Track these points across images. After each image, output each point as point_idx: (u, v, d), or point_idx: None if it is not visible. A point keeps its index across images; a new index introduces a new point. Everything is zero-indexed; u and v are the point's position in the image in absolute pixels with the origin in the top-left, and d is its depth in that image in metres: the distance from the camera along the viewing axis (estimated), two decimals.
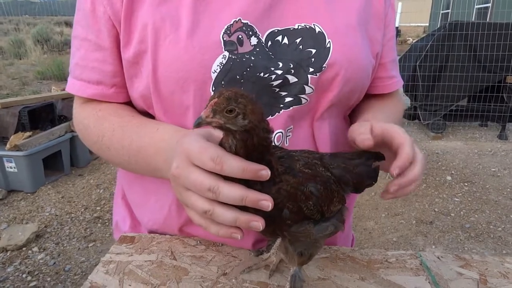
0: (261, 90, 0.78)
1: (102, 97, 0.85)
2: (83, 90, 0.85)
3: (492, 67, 5.64)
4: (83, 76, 0.85)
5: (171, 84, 0.76)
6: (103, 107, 0.86)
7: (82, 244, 3.35)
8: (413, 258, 0.83)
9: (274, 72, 0.77)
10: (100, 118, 0.84)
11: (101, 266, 0.78)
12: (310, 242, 0.65)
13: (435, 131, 6.02)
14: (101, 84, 0.84)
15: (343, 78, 0.80)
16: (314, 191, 0.61)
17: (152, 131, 0.78)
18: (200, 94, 0.76)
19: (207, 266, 0.78)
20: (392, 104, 1.02)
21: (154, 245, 0.85)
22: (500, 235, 3.44)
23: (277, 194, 0.58)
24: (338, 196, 0.66)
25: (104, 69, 0.83)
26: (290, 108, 0.80)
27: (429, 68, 5.79)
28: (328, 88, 0.81)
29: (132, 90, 0.84)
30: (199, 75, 0.75)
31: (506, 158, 5.20)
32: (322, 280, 0.75)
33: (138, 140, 0.78)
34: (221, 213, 0.57)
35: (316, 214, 0.62)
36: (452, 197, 4.13)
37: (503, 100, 5.82)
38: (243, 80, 0.77)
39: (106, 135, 0.82)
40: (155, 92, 0.78)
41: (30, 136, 4.19)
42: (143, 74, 0.79)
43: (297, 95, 0.80)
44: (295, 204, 0.60)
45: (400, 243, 3.37)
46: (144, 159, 0.78)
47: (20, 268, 3.01)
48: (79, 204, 4.01)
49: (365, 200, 4.06)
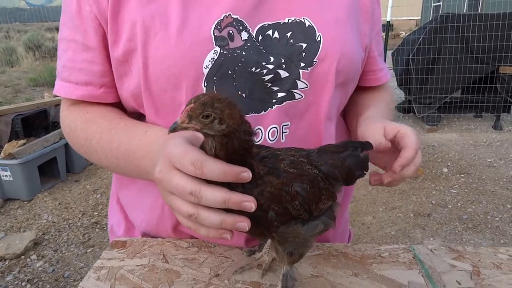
0: (253, 85, 0.78)
1: (91, 98, 0.84)
2: (72, 92, 0.84)
3: (484, 58, 5.65)
4: (71, 78, 0.84)
5: (163, 82, 0.76)
6: (91, 110, 0.85)
7: (81, 250, 3.34)
8: (406, 252, 0.83)
9: (265, 66, 0.77)
10: (87, 121, 0.84)
11: (92, 272, 0.77)
12: (300, 241, 0.64)
13: (430, 123, 6.04)
14: (89, 85, 0.83)
15: (335, 72, 0.80)
16: (300, 190, 0.61)
17: (140, 133, 0.77)
18: (193, 91, 0.76)
19: (199, 268, 0.78)
20: (385, 96, 1.03)
21: (146, 249, 0.85)
22: (498, 225, 3.46)
23: (260, 196, 0.58)
24: (327, 193, 0.65)
25: (93, 69, 0.82)
26: (283, 103, 0.80)
27: (422, 61, 5.80)
28: (324, 83, 0.81)
29: (122, 90, 0.83)
30: (191, 71, 0.74)
31: (502, 148, 5.22)
32: (315, 277, 0.75)
33: (127, 143, 0.78)
34: (206, 216, 0.57)
35: (304, 214, 0.62)
36: (449, 189, 4.15)
37: (496, 91, 5.84)
38: (235, 75, 0.76)
39: (94, 138, 0.82)
40: (146, 91, 0.77)
41: (24, 144, 4.17)
42: (133, 72, 0.79)
43: (290, 90, 0.79)
44: (280, 206, 0.59)
45: (399, 236, 3.38)
46: (132, 162, 0.77)
47: (19, 277, 2.99)
48: (76, 210, 3.99)
49: (362, 195, 4.07)
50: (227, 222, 0.57)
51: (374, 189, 4.17)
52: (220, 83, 0.76)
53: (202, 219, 0.57)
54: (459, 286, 0.72)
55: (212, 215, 0.57)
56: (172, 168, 0.59)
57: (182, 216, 0.60)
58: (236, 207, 0.56)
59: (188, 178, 0.57)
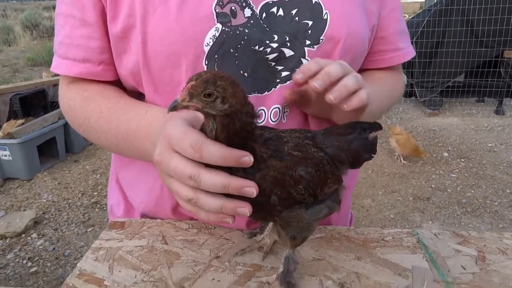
0: (256, 64, 0.75)
1: (89, 75, 0.81)
2: (70, 69, 0.81)
3: (489, 42, 5.56)
4: (69, 54, 0.81)
5: (162, 59, 0.73)
6: (90, 88, 0.82)
7: (81, 229, 3.35)
8: (410, 236, 0.81)
9: (269, 45, 0.74)
10: (86, 99, 0.81)
11: (90, 253, 0.76)
12: (303, 226, 0.63)
13: (431, 108, 5.99)
14: (88, 62, 0.80)
15: (342, 51, 0.77)
16: (304, 174, 0.58)
17: (140, 113, 0.75)
18: (193, 69, 0.73)
19: (199, 250, 0.76)
20: (389, 78, 0.97)
21: (145, 230, 0.83)
22: (497, 210, 3.47)
23: (262, 180, 0.56)
24: (333, 177, 0.63)
25: (91, 45, 0.79)
26: (287, 82, 0.77)
27: (426, 44, 5.71)
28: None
29: (121, 67, 0.81)
30: (191, 48, 0.72)
31: (503, 133, 5.19)
32: (317, 260, 0.74)
33: (126, 123, 0.75)
34: (205, 201, 0.55)
35: (308, 198, 0.60)
36: (448, 173, 4.14)
37: (500, 75, 5.77)
38: (237, 54, 0.74)
39: (92, 117, 0.79)
40: (145, 68, 0.75)
41: (23, 123, 4.14)
42: (132, 49, 0.76)
43: (294, 69, 0.76)
44: (283, 190, 0.57)
45: (397, 219, 3.39)
46: (132, 142, 0.75)
47: (20, 255, 3.01)
48: (76, 190, 4.00)
49: (362, 178, 4.07)
50: (227, 207, 0.55)
51: (374, 172, 4.17)
52: (222, 62, 0.74)
53: (201, 204, 0.55)
54: (464, 271, 0.71)
55: (211, 200, 0.55)
56: (171, 151, 0.57)
57: (182, 200, 0.58)
58: (236, 193, 0.54)
59: (187, 162, 0.55)
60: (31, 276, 2.77)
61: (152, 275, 0.70)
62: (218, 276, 0.69)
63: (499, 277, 0.69)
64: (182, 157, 0.55)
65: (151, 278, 0.69)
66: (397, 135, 4.19)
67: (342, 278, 0.69)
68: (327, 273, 0.70)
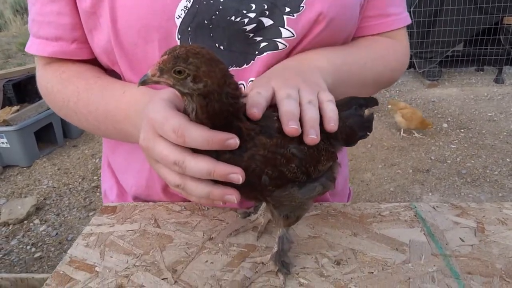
0: (233, 36, 0.71)
1: (63, 55, 0.78)
2: (43, 49, 0.78)
3: (489, 9, 5.43)
4: (41, 32, 0.78)
5: (133, 35, 0.69)
6: (67, 69, 0.79)
7: (83, 214, 3.37)
8: (408, 209, 0.80)
9: (246, 15, 0.70)
10: (63, 81, 0.78)
11: (81, 239, 0.74)
12: (296, 205, 0.61)
13: (430, 78, 5.92)
14: (60, 40, 0.77)
15: (326, 19, 0.72)
16: (296, 152, 0.56)
17: (118, 94, 0.71)
18: (166, 44, 0.69)
19: (192, 232, 0.75)
20: (379, 44, 0.87)
21: (137, 214, 0.82)
22: (496, 179, 3.47)
23: (251, 160, 0.53)
24: (327, 154, 0.60)
25: (62, 22, 0.75)
26: (264, 53, 0.73)
27: (424, 13, 5.58)
28: (312, 32, 0.73)
29: (94, 45, 0.77)
30: (162, 21, 0.68)
31: (503, 102, 5.15)
32: (312, 238, 0.72)
33: (105, 105, 0.73)
34: (192, 188, 0.53)
35: (301, 176, 0.57)
36: (448, 144, 4.13)
37: (499, 43, 5.67)
38: (212, 26, 0.69)
39: (71, 100, 0.76)
40: (117, 45, 0.72)
41: (18, 110, 4.10)
42: (102, 25, 0.72)
43: (272, 39, 0.72)
44: (275, 169, 0.54)
45: (397, 192, 3.39)
46: (113, 125, 0.72)
47: (23, 241, 3.04)
48: (76, 175, 4.00)
49: (361, 152, 4.05)
50: (215, 194, 0.53)
51: (373, 146, 4.16)
52: (196, 35, 0.69)
53: (188, 190, 0.53)
54: (462, 244, 0.69)
55: (199, 186, 0.53)
56: (155, 136, 0.54)
57: (170, 185, 0.56)
58: (222, 179, 0.51)
59: (172, 147, 0.52)
60: (35, 262, 2.80)
61: (144, 259, 0.68)
62: (211, 258, 0.68)
63: (499, 248, 0.68)
64: (167, 142, 0.53)
65: (143, 263, 0.67)
66: (403, 109, 4.14)
67: (338, 255, 0.68)
68: (322, 251, 0.69)
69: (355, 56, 0.80)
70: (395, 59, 0.90)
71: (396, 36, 0.90)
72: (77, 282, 0.64)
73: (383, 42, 0.88)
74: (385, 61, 0.87)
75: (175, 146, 0.52)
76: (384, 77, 0.89)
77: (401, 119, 4.14)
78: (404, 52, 0.93)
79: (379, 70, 0.86)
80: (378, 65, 0.85)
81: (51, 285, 0.64)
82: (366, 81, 0.83)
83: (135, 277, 0.64)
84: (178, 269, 0.66)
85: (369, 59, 0.82)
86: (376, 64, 0.84)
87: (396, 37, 0.90)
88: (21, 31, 11.40)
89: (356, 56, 0.81)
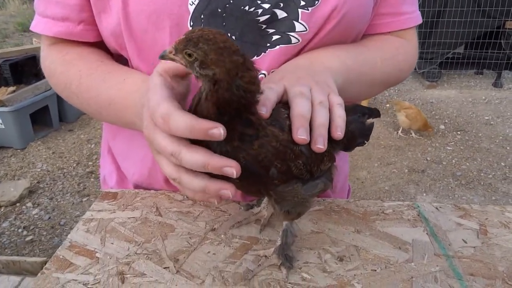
0: (245, 26, 0.69)
1: (69, 36, 0.76)
2: (49, 28, 0.76)
3: (492, 12, 5.42)
4: (48, 12, 0.76)
5: (144, 20, 0.68)
6: (71, 50, 0.77)
7: (76, 199, 3.35)
8: (411, 209, 0.79)
9: (260, 6, 0.68)
10: (66, 63, 0.76)
11: (81, 224, 0.73)
12: (298, 201, 0.60)
13: (430, 79, 5.92)
14: (67, 21, 0.75)
15: (340, 14, 0.71)
16: (304, 150, 0.55)
17: (119, 81, 0.70)
18: (177, 31, 0.68)
19: (194, 222, 0.74)
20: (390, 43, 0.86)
21: (138, 201, 0.81)
22: (490, 182, 3.49)
23: (260, 149, 0.52)
24: (329, 155, 0.60)
25: (70, 2, 0.73)
26: (276, 47, 0.71)
27: (427, 13, 5.55)
28: (325, 27, 0.72)
29: (102, 28, 0.75)
30: (174, 7, 0.66)
31: (500, 106, 5.17)
32: (315, 233, 0.72)
33: (106, 91, 0.71)
34: (188, 181, 0.51)
35: (305, 174, 0.57)
36: (444, 146, 4.14)
37: (500, 47, 5.68)
38: (225, 14, 0.68)
39: (73, 83, 0.75)
40: (126, 30, 0.70)
41: (14, 91, 4.05)
42: (112, 9, 0.70)
43: (285, 33, 0.71)
44: (283, 163, 0.54)
45: (392, 191, 3.41)
46: (115, 112, 0.71)
47: (15, 223, 3.02)
48: (71, 160, 3.97)
49: (358, 150, 4.06)
50: (210, 189, 0.51)
51: (370, 145, 4.16)
52: (208, 23, 0.68)
53: (184, 184, 0.52)
54: (465, 245, 0.69)
55: (195, 180, 0.51)
56: (154, 124, 0.53)
57: (169, 178, 0.55)
58: (217, 172, 0.50)
59: (169, 138, 0.51)
60: (26, 245, 2.79)
61: (146, 247, 0.68)
62: (213, 249, 0.67)
63: (501, 250, 0.68)
64: (164, 133, 0.51)
65: (145, 251, 0.67)
66: (407, 109, 4.09)
67: (341, 251, 0.67)
68: (325, 246, 0.68)
69: (366, 56, 0.80)
70: (404, 59, 0.89)
71: (407, 35, 0.89)
72: (77, 267, 0.63)
73: (394, 42, 0.87)
74: (394, 61, 0.86)
75: (173, 137, 0.51)
76: (392, 77, 0.89)
77: (403, 119, 4.11)
78: (413, 53, 0.92)
79: (388, 71, 0.85)
80: (387, 66, 0.84)
81: (51, 269, 0.63)
82: (375, 81, 0.83)
83: (137, 265, 0.64)
84: (180, 258, 0.65)
85: (379, 60, 0.81)
86: (386, 64, 0.83)
87: (407, 36, 0.89)
88: (19, 11, 11.24)
89: (366, 56, 0.80)
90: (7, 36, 9.14)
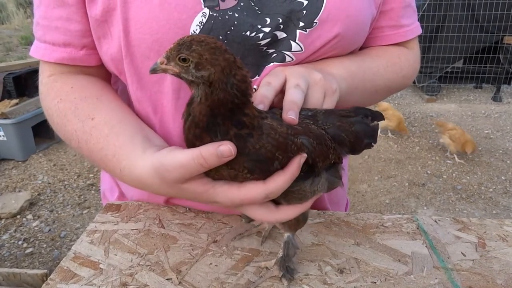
0: (247, 50, 0.70)
1: (71, 61, 0.76)
2: (49, 54, 0.75)
3: (490, 27, 5.50)
4: (47, 37, 0.75)
5: (145, 48, 0.68)
6: (64, 96, 0.74)
7: (77, 211, 3.35)
8: (410, 222, 0.80)
9: (261, 30, 0.69)
10: (62, 116, 0.73)
11: (85, 235, 0.74)
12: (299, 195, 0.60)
13: (429, 93, 5.97)
14: (69, 46, 0.74)
15: (336, 36, 0.72)
16: (306, 143, 0.56)
17: (115, 166, 0.66)
18: None
19: (196, 234, 0.75)
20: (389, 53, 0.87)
21: (141, 213, 0.82)
22: (491, 196, 3.49)
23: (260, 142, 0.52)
24: (335, 153, 0.61)
25: (71, 28, 0.73)
26: (271, 64, 0.73)
27: (426, 28, 5.63)
28: (321, 48, 0.73)
29: (102, 53, 0.75)
30: (176, 36, 0.66)
31: (500, 120, 5.20)
32: (316, 246, 0.73)
33: (106, 166, 0.69)
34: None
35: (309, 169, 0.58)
36: (444, 159, 4.15)
37: (499, 62, 5.74)
38: (227, 41, 0.68)
39: (72, 141, 0.72)
40: (127, 57, 0.70)
41: (17, 103, 4.09)
42: (113, 34, 0.70)
43: (282, 51, 0.72)
44: (285, 155, 0.54)
45: (393, 205, 3.41)
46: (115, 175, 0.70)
47: (15, 236, 3.01)
48: (72, 172, 3.98)
49: (358, 163, 4.07)
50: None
51: (370, 158, 4.17)
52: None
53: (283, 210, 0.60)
54: (464, 258, 0.70)
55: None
56: (206, 189, 0.57)
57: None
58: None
59: (246, 187, 0.56)
60: (26, 257, 2.78)
61: (149, 259, 0.69)
62: (215, 261, 0.68)
63: (499, 264, 0.69)
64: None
65: (148, 262, 0.68)
66: (451, 130, 3.95)
67: (341, 263, 0.68)
68: (326, 259, 0.69)
69: (369, 64, 0.82)
70: (407, 65, 0.90)
71: (408, 45, 0.91)
72: (81, 278, 0.64)
73: (396, 50, 0.89)
74: (397, 67, 0.87)
75: (241, 183, 0.56)
76: (396, 83, 0.90)
77: (449, 141, 3.96)
78: (416, 59, 0.94)
79: (392, 77, 0.87)
80: (390, 72, 0.86)
81: (55, 280, 0.64)
82: (379, 87, 0.85)
83: (140, 276, 0.64)
84: (182, 270, 0.66)
85: (382, 66, 0.84)
86: (389, 71, 0.85)
87: (408, 46, 0.92)
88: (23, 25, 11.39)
89: (370, 63, 0.82)
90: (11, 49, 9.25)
